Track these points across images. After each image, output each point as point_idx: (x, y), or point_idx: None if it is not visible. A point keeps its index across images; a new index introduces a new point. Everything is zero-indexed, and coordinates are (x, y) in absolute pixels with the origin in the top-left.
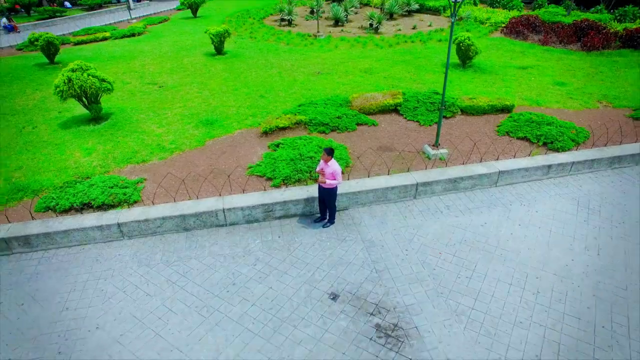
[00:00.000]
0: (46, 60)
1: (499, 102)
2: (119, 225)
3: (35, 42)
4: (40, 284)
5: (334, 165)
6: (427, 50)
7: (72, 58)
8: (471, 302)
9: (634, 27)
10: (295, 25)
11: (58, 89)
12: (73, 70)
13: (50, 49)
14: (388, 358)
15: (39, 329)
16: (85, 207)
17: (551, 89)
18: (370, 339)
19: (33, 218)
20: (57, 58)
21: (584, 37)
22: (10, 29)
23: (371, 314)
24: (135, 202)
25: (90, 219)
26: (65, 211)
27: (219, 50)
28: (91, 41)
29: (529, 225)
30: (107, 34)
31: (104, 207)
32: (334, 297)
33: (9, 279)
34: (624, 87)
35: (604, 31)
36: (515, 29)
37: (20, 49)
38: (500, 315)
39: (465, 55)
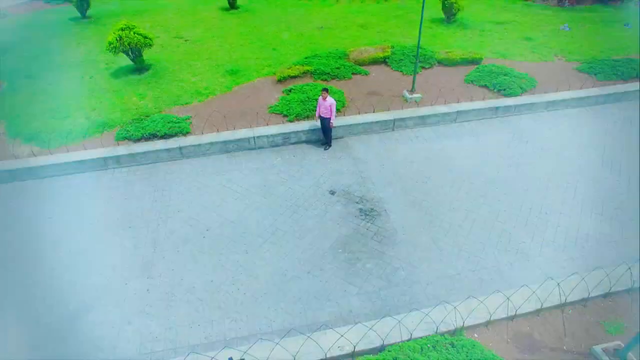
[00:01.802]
0: (79, 14)
1: (470, 55)
2: (179, 148)
3: None
4: (133, 187)
5: (330, 99)
6: (419, 5)
7: (100, 13)
8: (423, 197)
9: None
10: None
11: (112, 46)
12: (122, 30)
13: (83, 4)
14: (366, 225)
15: (142, 212)
16: (151, 137)
17: (519, 44)
18: (356, 216)
19: (118, 144)
20: (88, 13)
21: None
22: None
23: (356, 202)
24: (187, 132)
25: (159, 144)
26: (138, 140)
27: (232, 4)
28: None
29: (473, 149)
30: None
31: (165, 136)
32: (333, 193)
33: (111, 183)
34: (581, 43)
35: None
36: None
37: (47, 2)
38: (441, 204)
39: (449, 12)
